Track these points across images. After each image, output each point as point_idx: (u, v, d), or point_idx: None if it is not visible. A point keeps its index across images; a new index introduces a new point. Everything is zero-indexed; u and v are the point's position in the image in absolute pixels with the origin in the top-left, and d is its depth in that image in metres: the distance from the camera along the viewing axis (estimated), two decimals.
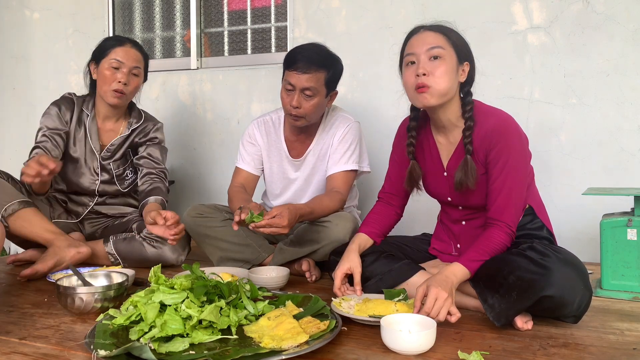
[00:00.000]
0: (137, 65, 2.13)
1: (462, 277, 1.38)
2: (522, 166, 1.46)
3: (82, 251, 1.87)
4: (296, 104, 1.90)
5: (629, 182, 2.25)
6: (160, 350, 1.11)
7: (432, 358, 1.15)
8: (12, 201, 1.92)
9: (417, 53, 1.45)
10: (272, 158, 2.15)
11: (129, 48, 2.12)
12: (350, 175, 2.04)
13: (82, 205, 2.24)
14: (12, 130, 3.50)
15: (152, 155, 2.23)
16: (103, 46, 2.15)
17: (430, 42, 1.44)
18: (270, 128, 2.14)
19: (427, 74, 1.42)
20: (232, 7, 3.04)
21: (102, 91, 2.12)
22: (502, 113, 1.51)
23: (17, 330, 1.33)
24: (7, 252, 3.38)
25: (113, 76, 2.09)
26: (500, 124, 1.46)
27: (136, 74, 2.14)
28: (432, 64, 1.43)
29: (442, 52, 1.43)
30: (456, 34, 1.49)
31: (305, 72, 1.86)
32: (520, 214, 1.50)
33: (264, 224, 1.64)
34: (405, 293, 1.47)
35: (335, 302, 1.43)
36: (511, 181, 1.43)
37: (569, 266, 1.29)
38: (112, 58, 2.09)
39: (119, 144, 2.22)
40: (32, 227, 1.92)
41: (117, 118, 2.24)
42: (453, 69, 1.44)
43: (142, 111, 2.30)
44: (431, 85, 1.42)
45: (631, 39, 2.24)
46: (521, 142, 1.48)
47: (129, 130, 2.23)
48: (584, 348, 1.22)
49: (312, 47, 1.95)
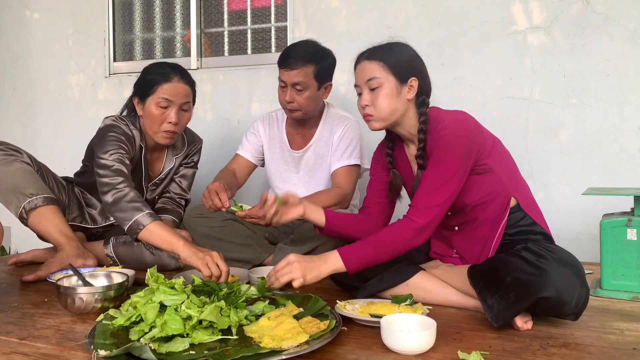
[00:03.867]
0: (186, 100, 1.95)
1: (335, 267, 1.39)
2: (451, 160, 1.42)
3: (88, 264, 1.86)
4: (289, 98, 1.99)
5: (629, 182, 2.25)
6: (161, 350, 1.11)
7: (432, 358, 1.15)
8: (38, 195, 1.90)
9: (359, 85, 1.55)
10: (272, 150, 2.21)
11: (176, 83, 1.91)
12: (353, 170, 2.05)
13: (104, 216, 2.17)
14: (12, 130, 3.50)
15: (181, 182, 2.19)
16: (148, 81, 1.93)
17: (367, 74, 1.52)
18: (273, 122, 2.24)
19: (369, 105, 1.52)
20: (232, 7, 3.04)
21: (151, 131, 1.96)
22: (452, 114, 1.50)
23: (17, 330, 1.33)
24: (8, 251, 3.39)
25: (162, 116, 1.92)
26: (443, 124, 1.46)
27: (186, 109, 1.97)
28: (372, 94, 1.52)
29: (379, 82, 1.50)
30: (396, 55, 1.51)
31: (293, 68, 1.96)
32: (442, 207, 1.41)
33: (244, 215, 1.72)
34: (412, 298, 1.47)
35: (340, 304, 1.43)
36: (434, 174, 1.43)
37: (565, 266, 1.29)
38: (160, 97, 1.90)
39: (164, 177, 2.16)
40: (48, 225, 1.90)
41: (162, 147, 2.12)
42: (392, 93, 1.50)
43: (184, 134, 2.17)
44: (373, 114, 1.52)
45: (631, 39, 2.24)
46: (457, 136, 1.43)
47: (174, 160, 2.15)
48: (584, 348, 1.22)
49: (302, 44, 2.03)
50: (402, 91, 1.51)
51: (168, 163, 2.14)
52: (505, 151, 1.59)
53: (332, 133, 2.08)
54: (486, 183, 1.50)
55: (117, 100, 3.20)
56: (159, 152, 2.13)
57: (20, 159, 1.97)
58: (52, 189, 2.04)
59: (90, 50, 3.29)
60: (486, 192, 1.51)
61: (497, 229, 1.52)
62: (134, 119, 2.04)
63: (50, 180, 2.07)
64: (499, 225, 1.52)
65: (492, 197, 1.51)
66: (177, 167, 2.18)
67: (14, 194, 1.89)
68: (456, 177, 1.42)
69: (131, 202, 1.71)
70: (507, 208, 1.51)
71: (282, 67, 1.99)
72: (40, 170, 2.03)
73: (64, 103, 3.36)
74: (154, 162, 2.13)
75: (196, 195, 3.03)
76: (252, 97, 2.92)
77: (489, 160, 1.49)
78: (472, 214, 1.55)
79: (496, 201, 1.52)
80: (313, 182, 2.14)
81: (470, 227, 1.57)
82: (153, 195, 2.16)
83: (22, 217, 1.91)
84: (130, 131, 1.99)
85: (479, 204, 1.52)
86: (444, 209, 1.43)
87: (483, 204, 1.52)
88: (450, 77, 2.52)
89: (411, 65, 1.52)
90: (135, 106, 2.01)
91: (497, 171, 1.50)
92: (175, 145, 2.15)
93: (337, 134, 2.07)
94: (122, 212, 1.70)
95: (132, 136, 1.99)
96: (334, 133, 2.08)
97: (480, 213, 1.53)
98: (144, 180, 2.10)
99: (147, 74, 1.95)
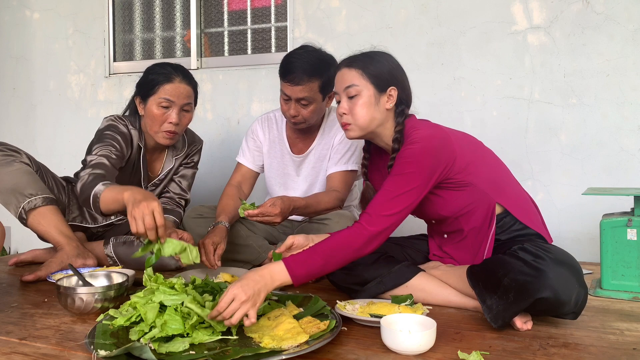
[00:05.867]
0: (188, 101, 1.94)
1: (282, 280, 1.26)
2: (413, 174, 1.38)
3: (88, 263, 1.86)
4: (294, 112, 1.94)
5: (629, 182, 2.25)
6: (161, 350, 1.11)
7: (432, 358, 1.15)
8: (37, 195, 1.90)
9: (338, 92, 1.53)
10: (272, 154, 2.17)
11: (178, 84, 1.91)
12: (349, 175, 2.04)
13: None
14: (12, 130, 3.51)
15: (181, 182, 2.17)
16: (150, 81, 1.93)
17: (345, 81, 1.50)
18: (273, 124, 2.18)
19: (347, 113, 1.50)
20: (232, 7, 3.04)
21: (152, 131, 1.96)
22: (424, 128, 1.46)
23: (17, 330, 1.32)
24: (8, 252, 3.39)
25: (163, 117, 1.92)
26: (412, 138, 1.43)
27: (187, 110, 1.97)
28: (350, 102, 1.50)
29: (357, 89, 1.48)
30: (376, 63, 1.50)
31: (297, 84, 1.87)
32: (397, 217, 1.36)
33: (256, 213, 1.70)
34: (412, 298, 1.47)
35: (340, 305, 1.43)
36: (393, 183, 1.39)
37: (562, 266, 1.29)
38: (162, 97, 1.90)
39: (164, 177, 2.15)
40: (48, 225, 1.90)
41: (162, 147, 2.10)
42: (371, 101, 1.48)
43: (184, 135, 2.16)
44: (351, 123, 1.50)
45: (631, 39, 2.24)
46: (424, 152, 1.40)
47: (173, 160, 2.14)
48: (584, 348, 1.22)
49: (304, 56, 1.90)
50: (380, 100, 1.49)
51: (168, 163, 2.14)
52: (489, 159, 1.55)
53: (334, 135, 2.07)
54: (463, 196, 1.49)
55: (117, 101, 3.20)
56: (158, 153, 2.13)
57: (19, 159, 1.97)
58: (52, 189, 2.04)
59: (90, 50, 3.29)
60: (464, 204, 1.50)
61: (487, 237, 1.52)
62: (134, 119, 2.04)
63: (50, 181, 2.07)
64: (489, 234, 1.51)
65: (473, 207, 1.50)
66: (177, 167, 2.17)
67: (13, 194, 1.89)
68: (415, 192, 1.38)
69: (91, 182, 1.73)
70: (492, 216, 1.50)
71: (285, 81, 1.90)
72: (40, 171, 2.03)
73: (64, 103, 3.36)
74: (153, 162, 2.13)
75: (196, 195, 3.04)
76: (252, 97, 2.92)
77: (464, 175, 1.47)
78: (456, 224, 1.55)
79: (478, 211, 1.50)
80: (313, 186, 2.13)
81: (459, 237, 1.58)
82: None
83: (22, 218, 1.91)
84: (128, 131, 1.99)
85: (460, 215, 1.52)
86: (398, 219, 1.37)
87: (465, 215, 1.51)
88: (450, 77, 2.52)
89: (391, 74, 1.50)
90: (137, 106, 2.01)
91: (476, 183, 1.48)
92: (175, 146, 2.14)
93: (337, 136, 2.06)
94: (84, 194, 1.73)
95: (130, 136, 1.99)
96: (335, 135, 2.07)
97: (465, 223, 1.53)
98: (143, 180, 2.09)
99: (150, 74, 1.95)
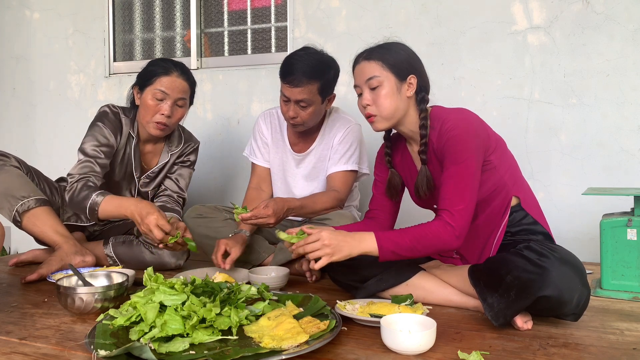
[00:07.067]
0: (182, 96, 1.98)
1: (368, 249, 1.38)
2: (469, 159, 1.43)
3: (87, 260, 1.86)
4: (293, 114, 1.94)
5: (629, 182, 2.25)
6: (161, 350, 1.11)
7: (432, 358, 1.15)
8: (30, 197, 1.91)
9: (359, 85, 1.56)
10: (275, 150, 2.18)
11: (175, 78, 1.95)
12: (349, 175, 2.04)
13: None
14: (12, 130, 3.51)
15: (178, 180, 2.18)
16: (148, 72, 1.98)
17: (366, 74, 1.53)
18: (275, 121, 2.19)
19: (370, 104, 1.53)
20: (232, 7, 3.04)
21: (144, 121, 1.99)
22: (456, 113, 1.51)
23: (17, 330, 1.33)
24: (8, 252, 3.39)
25: (156, 107, 1.95)
26: (450, 122, 1.47)
27: (181, 105, 2.00)
28: (373, 93, 1.53)
29: (379, 80, 1.51)
30: (394, 53, 1.53)
31: (297, 85, 1.88)
32: (470, 205, 1.41)
33: (249, 216, 1.72)
34: (412, 298, 1.47)
35: (340, 304, 1.43)
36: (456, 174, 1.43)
37: (566, 265, 1.29)
38: (157, 88, 1.94)
39: (159, 171, 2.16)
40: (43, 226, 1.91)
41: (157, 140, 2.14)
42: (393, 91, 1.51)
43: (181, 132, 2.20)
44: (376, 114, 1.53)
45: (631, 39, 2.24)
46: (468, 134, 1.45)
47: (169, 155, 2.15)
48: (584, 348, 1.22)
49: (304, 58, 1.90)
50: (401, 89, 1.52)
51: (163, 157, 2.15)
52: (508, 150, 1.59)
53: (334, 136, 2.07)
54: (489, 181, 1.50)
55: (117, 100, 3.19)
56: (153, 145, 2.14)
57: (8, 163, 1.98)
58: (44, 190, 2.05)
59: (90, 50, 3.29)
60: (488, 190, 1.51)
61: (498, 228, 1.52)
62: (130, 109, 2.08)
63: (42, 183, 2.08)
64: (500, 224, 1.52)
65: (494, 195, 1.51)
66: (172, 164, 2.18)
67: (5, 198, 1.90)
68: (477, 174, 1.44)
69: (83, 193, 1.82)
70: (507, 207, 1.52)
71: (285, 82, 1.91)
72: (30, 173, 2.05)
73: (64, 103, 3.36)
74: (148, 154, 2.15)
75: (196, 195, 3.04)
76: (252, 97, 2.92)
77: (494, 157, 1.50)
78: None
79: (497, 200, 1.52)
80: (313, 184, 2.13)
81: (472, 226, 1.57)
82: (146, 189, 2.16)
83: (16, 220, 1.91)
84: (120, 119, 2.03)
85: (480, 202, 1.52)
86: (472, 208, 1.43)
87: (484, 202, 1.52)
88: (450, 77, 2.52)
89: (409, 63, 1.54)
90: (134, 95, 2.04)
91: (499, 169, 1.51)
92: (171, 141, 2.16)
93: (337, 136, 2.06)
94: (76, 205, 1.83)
95: (120, 124, 2.03)
96: (335, 136, 2.07)
97: (481, 212, 1.53)
98: (135, 170, 2.10)
99: (150, 66, 2.01)
